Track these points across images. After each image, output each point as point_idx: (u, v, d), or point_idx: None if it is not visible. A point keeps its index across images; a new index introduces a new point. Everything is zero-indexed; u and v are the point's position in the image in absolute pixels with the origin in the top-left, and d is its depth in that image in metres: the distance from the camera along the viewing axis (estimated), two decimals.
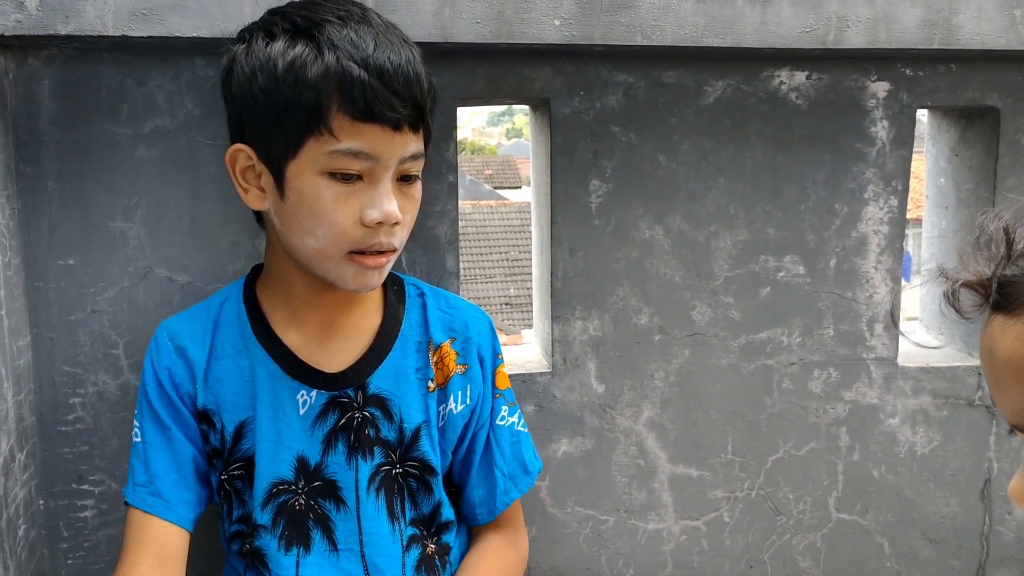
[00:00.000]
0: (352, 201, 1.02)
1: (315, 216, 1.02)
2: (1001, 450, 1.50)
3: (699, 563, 1.50)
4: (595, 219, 1.39)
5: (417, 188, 1.09)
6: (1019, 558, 1.53)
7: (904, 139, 1.41)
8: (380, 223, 1.03)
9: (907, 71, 1.40)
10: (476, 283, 18.47)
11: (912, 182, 1.51)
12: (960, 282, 0.60)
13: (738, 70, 1.38)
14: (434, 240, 1.36)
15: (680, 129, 1.38)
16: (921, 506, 1.51)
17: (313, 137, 1.00)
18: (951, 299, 0.61)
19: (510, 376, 1.40)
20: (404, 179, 1.07)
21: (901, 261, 1.46)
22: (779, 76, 1.39)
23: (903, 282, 1.56)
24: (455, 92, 1.32)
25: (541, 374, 1.43)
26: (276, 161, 1.03)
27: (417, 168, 1.07)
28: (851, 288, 1.45)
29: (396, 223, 1.04)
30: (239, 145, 1.06)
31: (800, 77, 1.39)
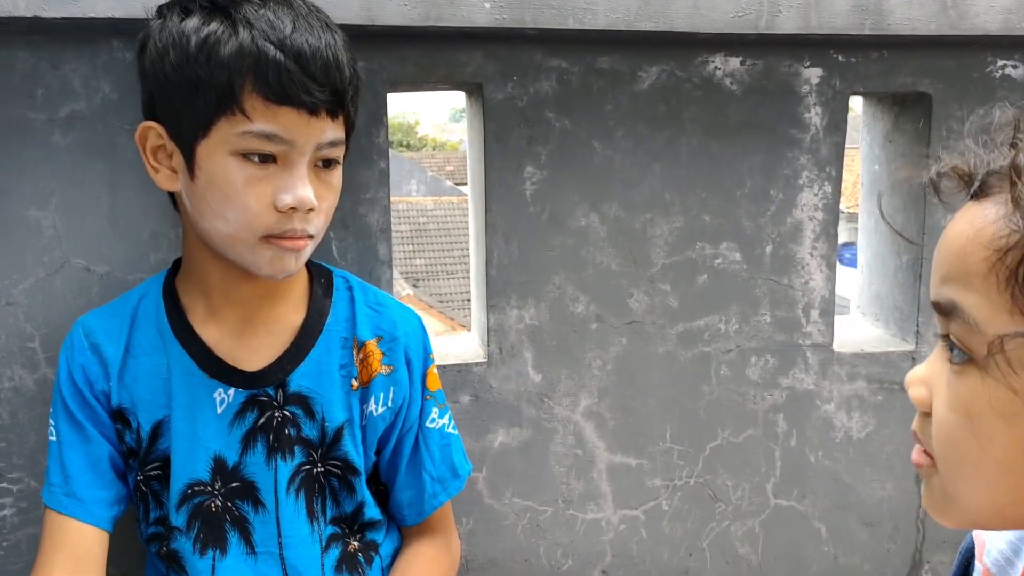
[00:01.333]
0: (265, 184, 0.99)
1: (226, 199, 0.99)
2: None
3: (638, 552, 1.49)
4: (530, 207, 1.38)
5: (336, 175, 1.07)
6: (955, 541, 1.54)
7: (837, 125, 1.42)
8: (294, 208, 1.00)
9: (839, 57, 1.40)
10: (438, 280, 18.41)
11: (847, 175, 1.52)
12: (951, 166, 0.61)
13: (672, 55, 1.37)
14: (365, 228, 1.34)
15: (615, 115, 1.37)
16: (857, 490, 1.51)
17: (224, 117, 0.97)
18: (935, 181, 0.62)
19: (445, 367, 1.38)
20: (323, 165, 1.04)
21: (836, 247, 1.46)
22: (713, 62, 1.38)
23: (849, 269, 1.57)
24: (384, 77, 1.30)
25: (477, 364, 1.41)
26: (187, 140, 1.00)
27: (336, 154, 1.05)
28: (787, 274, 1.45)
29: (311, 209, 1.01)
30: (149, 123, 1.03)
31: (734, 63, 1.38)
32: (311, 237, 1.04)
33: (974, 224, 0.58)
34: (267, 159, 0.99)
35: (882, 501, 1.52)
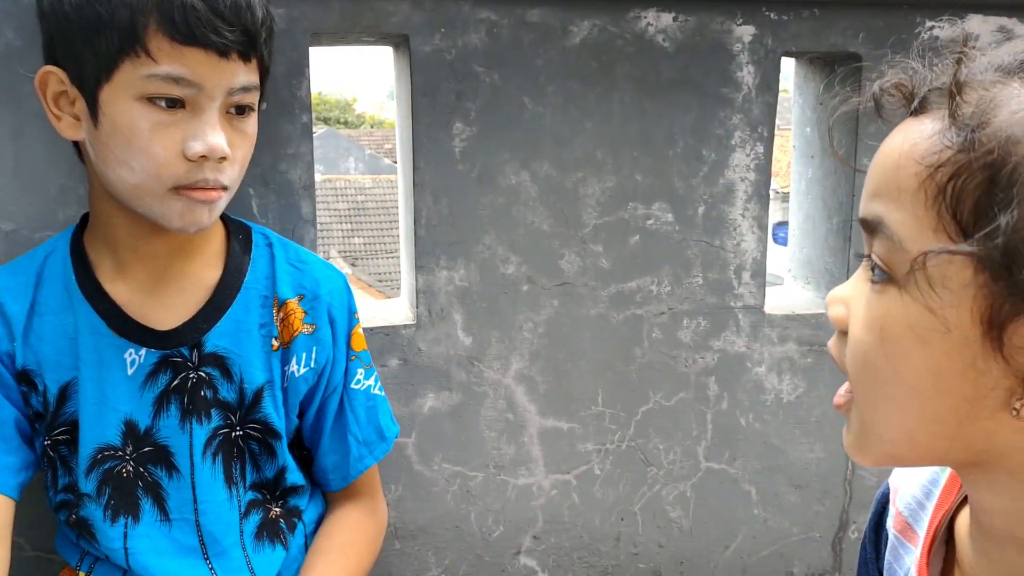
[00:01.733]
0: (173, 131, 0.94)
1: (130, 146, 0.94)
2: None
3: (570, 517, 1.48)
4: (459, 164, 1.34)
5: (251, 123, 1.02)
6: None
7: (769, 85, 1.40)
8: (204, 157, 0.95)
9: (771, 15, 1.38)
10: (378, 258, 18.22)
11: (781, 156, 1.51)
12: (894, 83, 0.59)
13: (604, 10, 1.34)
14: (287, 185, 1.29)
15: (546, 71, 1.34)
16: (787, 453, 1.52)
17: (128, 59, 0.92)
18: (877, 98, 0.60)
19: (373, 330, 1.34)
20: (236, 112, 0.99)
21: (767, 208, 1.45)
22: (646, 17, 1.35)
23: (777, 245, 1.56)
24: (307, 26, 1.25)
25: (405, 327, 1.37)
26: (89, 85, 0.94)
27: (250, 100, 1.00)
28: (719, 236, 1.44)
29: (223, 158, 0.96)
30: (49, 67, 0.97)
31: (667, 19, 1.36)
32: (225, 188, 0.99)
33: (909, 138, 0.56)
34: (175, 104, 0.94)
35: (811, 463, 1.53)
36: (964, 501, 0.68)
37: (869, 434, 0.59)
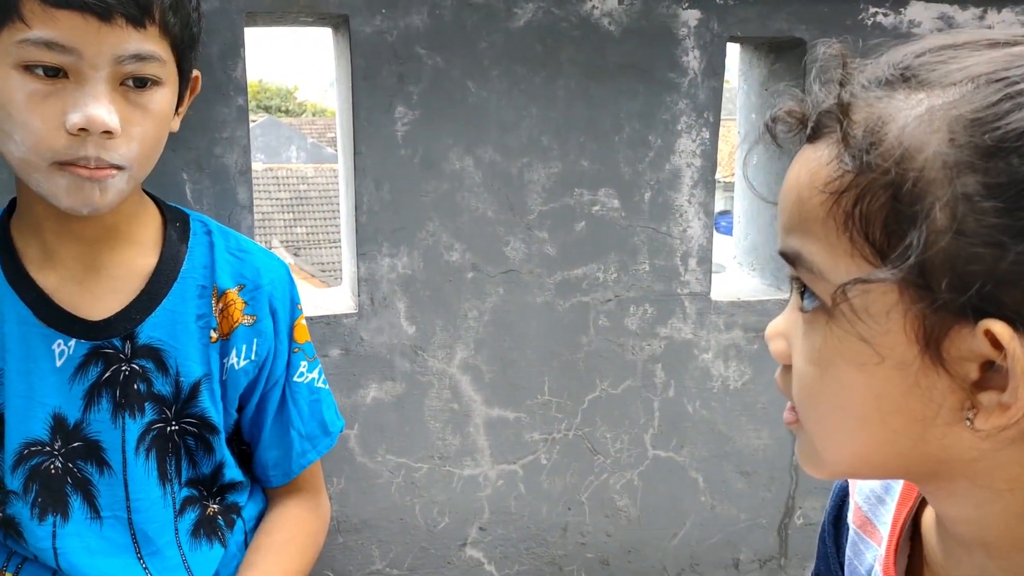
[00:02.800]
0: (53, 101, 0.88)
1: (10, 118, 0.89)
2: None
3: (516, 507, 1.46)
4: (401, 149, 1.31)
5: (156, 98, 0.94)
6: (826, 488, 1.56)
7: (715, 70, 1.39)
8: (85, 130, 0.88)
9: (717, 0, 1.37)
10: (320, 248, 18.02)
11: (723, 146, 1.50)
12: (785, 110, 0.58)
13: None
14: (223, 170, 1.24)
15: (490, 54, 1.31)
16: (734, 440, 1.51)
17: (5, 27, 0.87)
18: (770, 127, 0.59)
19: (313, 319, 1.30)
20: (134, 84, 0.92)
21: (713, 195, 1.44)
22: (591, 0, 1.33)
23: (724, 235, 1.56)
24: (242, 4, 1.20)
25: (347, 316, 1.34)
26: None
27: (150, 71, 0.92)
28: (665, 222, 1.43)
29: (107, 132, 0.89)
30: None
31: (612, 2, 1.34)
32: (119, 168, 0.93)
33: (808, 168, 0.54)
34: (56, 74, 0.88)
35: (758, 450, 1.53)
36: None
37: (820, 457, 0.58)
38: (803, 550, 1.57)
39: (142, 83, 0.93)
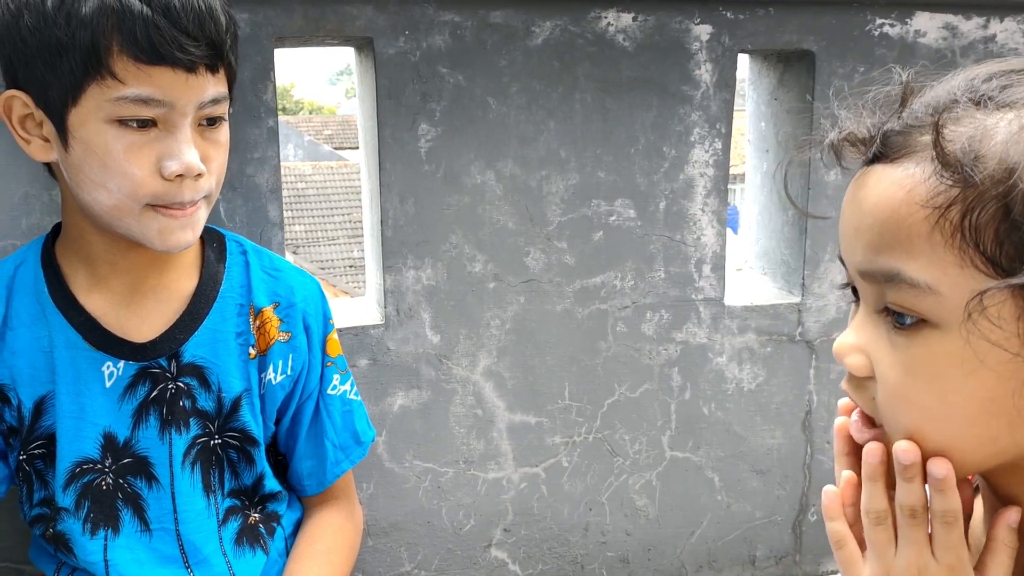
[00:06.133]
0: (148, 151, 0.93)
1: (105, 168, 0.93)
2: (820, 383, 1.57)
3: (539, 509, 1.50)
4: (425, 164, 1.35)
5: (223, 132, 1.01)
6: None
7: (727, 82, 1.44)
8: (181, 176, 0.94)
9: (728, 14, 1.41)
10: (319, 246, 18.04)
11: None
12: (846, 132, 0.62)
13: (565, 11, 1.36)
14: (255, 189, 1.29)
15: (509, 71, 1.36)
16: (748, 440, 1.56)
17: (94, 82, 0.90)
18: (836, 148, 0.62)
19: (341, 330, 1.35)
20: (208, 123, 0.98)
21: (726, 203, 1.49)
22: (606, 17, 1.37)
23: (731, 233, 1.60)
24: (271, 30, 1.24)
25: (374, 327, 1.38)
26: (55, 109, 0.92)
27: (221, 111, 0.99)
28: (680, 230, 1.47)
29: (199, 175, 0.96)
30: (12, 91, 0.95)
31: (627, 19, 1.38)
32: (204, 199, 0.99)
33: (901, 186, 0.57)
34: (147, 123, 0.93)
35: (772, 449, 1.58)
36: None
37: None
38: (817, 546, 1.62)
39: (213, 121, 0.98)
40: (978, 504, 0.70)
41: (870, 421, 0.65)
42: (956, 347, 0.56)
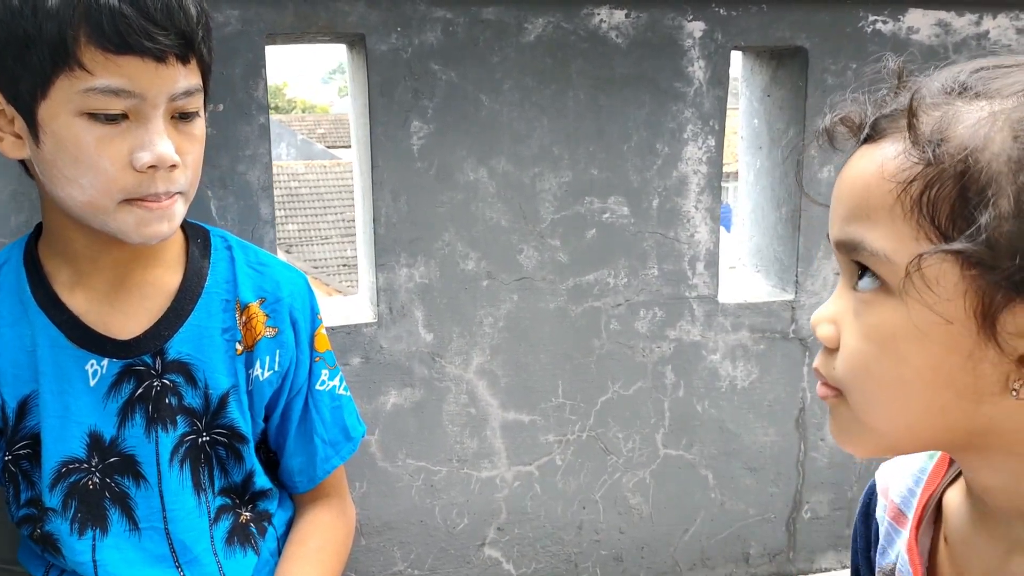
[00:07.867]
0: (119, 143, 0.92)
1: (77, 163, 0.92)
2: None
3: (532, 508, 1.50)
4: (417, 162, 1.34)
5: (198, 126, 0.99)
6: (832, 482, 1.61)
7: (720, 79, 1.43)
8: (154, 167, 0.93)
9: (721, 11, 1.41)
10: (312, 245, 18.00)
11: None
12: (840, 116, 0.65)
13: (558, 7, 1.35)
14: (246, 187, 1.28)
15: (502, 68, 1.35)
16: (741, 437, 1.56)
17: (63, 74, 0.89)
18: (830, 131, 0.66)
19: (334, 328, 1.34)
20: (182, 117, 0.97)
21: (719, 200, 1.48)
22: (599, 14, 1.37)
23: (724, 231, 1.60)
24: (262, 27, 1.24)
25: (367, 325, 1.38)
26: (25, 103, 0.92)
27: (195, 104, 0.98)
28: (673, 228, 1.47)
29: (173, 166, 0.94)
30: None
31: (619, 16, 1.38)
32: (180, 193, 0.98)
33: (874, 162, 0.61)
34: (116, 117, 0.92)
35: (765, 447, 1.57)
36: (952, 480, 0.73)
37: (865, 430, 0.63)
38: (811, 543, 1.62)
39: (186, 115, 0.97)
40: (964, 511, 0.70)
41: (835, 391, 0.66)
42: (905, 315, 0.58)
